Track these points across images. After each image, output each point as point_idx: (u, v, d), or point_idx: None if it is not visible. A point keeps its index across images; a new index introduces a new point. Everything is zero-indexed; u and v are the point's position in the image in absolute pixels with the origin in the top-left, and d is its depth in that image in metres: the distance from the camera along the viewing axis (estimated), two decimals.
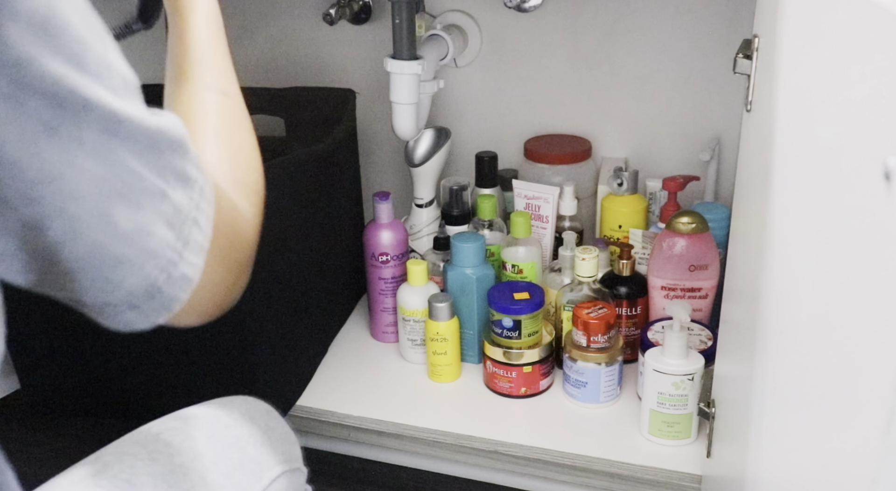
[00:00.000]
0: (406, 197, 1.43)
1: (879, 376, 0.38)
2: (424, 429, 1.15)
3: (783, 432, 0.60)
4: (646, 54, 1.35)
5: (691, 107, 1.36)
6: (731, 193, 1.08)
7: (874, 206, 0.40)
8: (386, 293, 1.29)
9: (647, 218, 1.32)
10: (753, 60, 0.78)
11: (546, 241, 1.31)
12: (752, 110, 0.80)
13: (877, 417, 0.38)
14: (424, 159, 1.33)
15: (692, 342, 1.10)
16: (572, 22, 1.36)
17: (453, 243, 1.21)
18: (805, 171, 0.57)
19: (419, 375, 1.26)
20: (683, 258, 1.15)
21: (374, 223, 1.27)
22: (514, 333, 1.15)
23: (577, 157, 1.37)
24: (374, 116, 1.49)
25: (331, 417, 1.19)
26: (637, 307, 1.21)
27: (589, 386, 1.14)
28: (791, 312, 0.59)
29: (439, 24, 1.40)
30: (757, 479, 0.67)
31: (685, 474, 1.05)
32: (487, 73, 1.44)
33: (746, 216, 0.83)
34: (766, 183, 0.69)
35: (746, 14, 1.18)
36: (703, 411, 1.00)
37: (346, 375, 1.27)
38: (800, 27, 0.61)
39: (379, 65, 1.26)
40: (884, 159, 0.38)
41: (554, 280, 1.22)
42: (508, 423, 1.15)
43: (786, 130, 0.64)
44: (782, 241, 0.63)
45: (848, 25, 0.47)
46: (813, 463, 0.52)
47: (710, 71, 1.32)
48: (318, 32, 1.49)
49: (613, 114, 1.41)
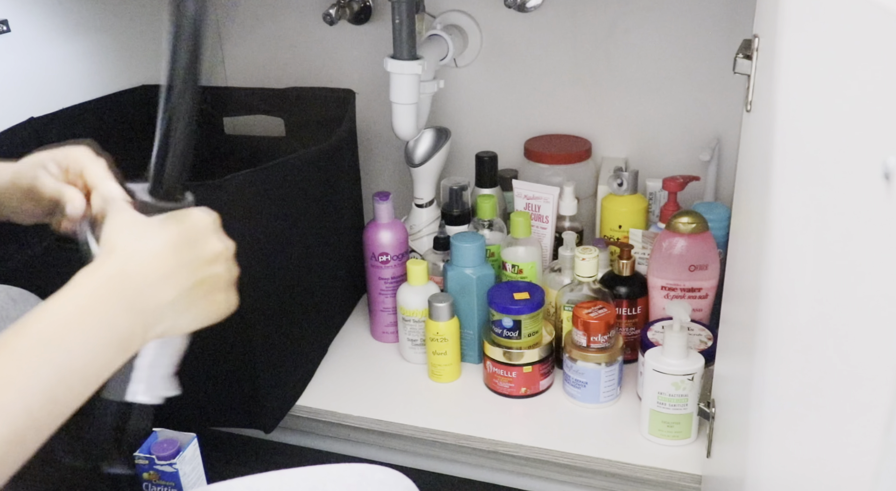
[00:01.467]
0: (406, 197, 1.43)
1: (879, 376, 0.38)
2: (424, 429, 1.15)
3: (783, 432, 0.60)
4: (646, 54, 1.35)
5: (691, 107, 1.36)
6: (731, 193, 1.08)
7: (874, 206, 0.40)
8: (386, 293, 1.29)
9: (647, 218, 1.32)
10: (753, 60, 0.78)
11: (546, 242, 1.31)
12: (752, 110, 0.80)
13: (877, 417, 0.38)
14: (424, 159, 1.33)
15: (692, 342, 1.10)
16: (572, 22, 1.36)
17: (453, 243, 1.21)
18: (805, 171, 0.57)
19: (419, 375, 1.26)
20: (683, 258, 1.15)
21: (374, 223, 1.27)
22: (514, 333, 1.15)
23: (577, 157, 1.37)
24: (374, 116, 1.49)
25: (331, 417, 1.19)
26: (637, 307, 1.21)
27: (589, 386, 1.14)
28: (791, 312, 0.59)
29: (439, 24, 1.40)
30: (757, 479, 0.67)
31: (685, 474, 1.05)
32: (487, 73, 1.44)
33: (746, 216, 0.83)
34: (766, 183, 0.69)
35: (746, 14, 1.18)
36: (703, 411, 1.00)
37: (346, 375, 1.27)
38: (800, 27, 0.61)
39: (379, 65, 1.26)
40: (884, 159, 0.37)
41: (554, 280, 1.22)
42: (508, 423, 1.15)
43: (786, 130, 0.64)
44: (782, 241, 0.63)
45: (848, 25, 0.47)
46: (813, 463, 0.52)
47: (710, 71, 1.32)
48: (318, 32, 1.49)
49: (613, 114, 1.41)
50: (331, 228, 1.27)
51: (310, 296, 1.23)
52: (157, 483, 1.05)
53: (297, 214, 1.16)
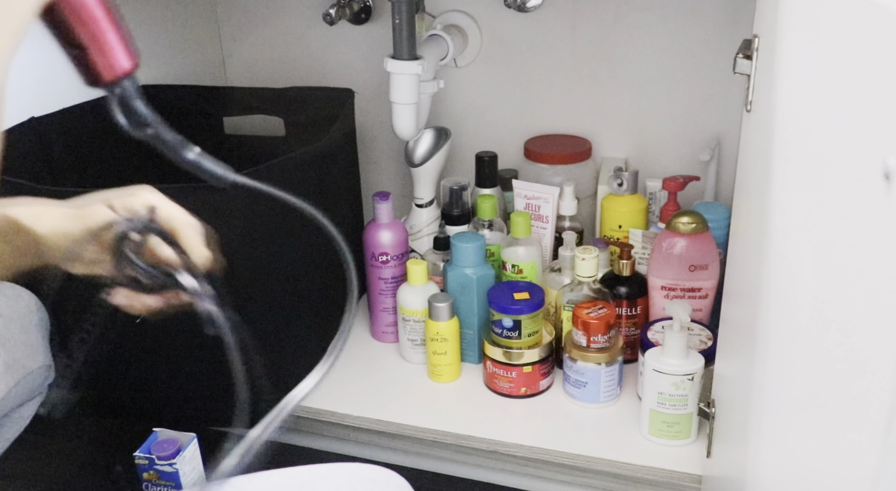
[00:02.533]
0: (406, 197, 1.43)
1: (879, 376, 0.38)
2: (424, 429, 1.15)
3: (783, 432, 0.60)
4: (646, 54, 1.35)
5: (691, 107, 1.36)
6: (731, 193, 1.08)
7: (874, 206, 0.40)
8: (386, 293, 1.29)
9: (647, 218, 1.32)
10: (753, 60, 0.78)
11: (546, 242, 1.31)
12: (752, 110, 0.80)
13: (877, 417, 0.38)
14: (424, 159, 1.33)
15: (692, 342, 1.10)
16: (572, 22, 1.36)
17: (453, 243, 1.21)
18: (805, 170, 0.57)
19: (419, 375, 1.26)
20: (683, 258, 1.15)
21: (374, 223, 1.27)
22: (514, 333, 1.15)
23: (577, 157, 1.37)
24: (374, 116, 1.49)
25: (331, 417, 1.19)
26: (637, 307, 1.21)
27: (589, 386, 1.14)
28: (791, 312, 0.59)
29: (439, 24, 1.40)
30: (757, 479, 0.67)
31: (685, 474, 1.05)
32: (487, 73, 1.44)
33: (746, 216, 0.83)
34: (766, 183, 0.69)
35: (746, 14, 1.18)
36: (703, 411, 1.00)
37: (346, 375, 1.26)
38: (800, 27, 0.61)
39: (379, 65, 1.26)
40: (884, 159, 0.37)
41: (554, 280, 1.22)
42: (508, 423, 1.15)
43: (786, 130, 0.64)
44: (782, 241, 0.63)
45: (848, 25, 0.47)
46: (813, 463, 0.52)
47: (710, 71, 1.32)
48: (318, 32, 1.49)
49: (613, 114, 1.41)
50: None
51: (309, 296, 1.23)
52: (157, 483, 1.05)
53: (296, 214, 1.15)
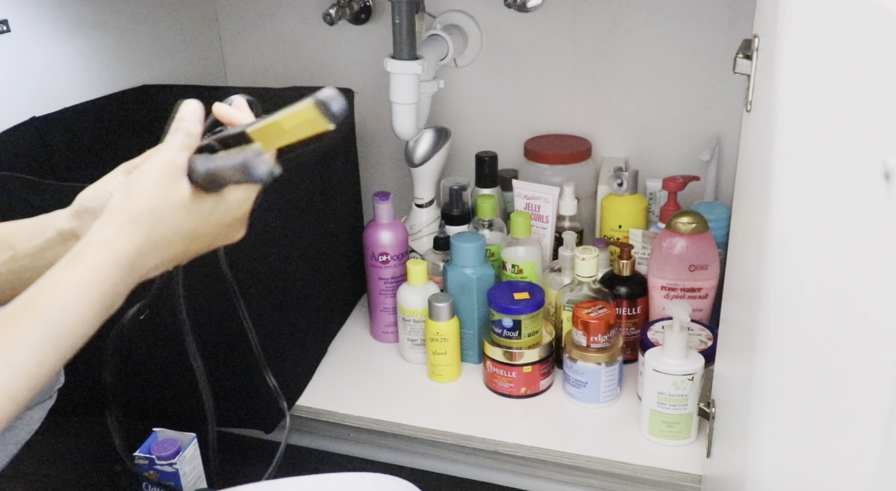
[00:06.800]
0: (406, 197, 1.43)
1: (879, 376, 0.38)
2: (424, 429, 1.15)
3: (783, 432, 0.60)
4: (646, 54, 1.35)
5: (691, 107, 1.36)
6: (731, 193, 1.08)
7: (874, 206, 0.40)
8: (386, 293, 1.29)
9: (647, 218, 1.32)
10: (753, 60, 0.78)
11: (546, 242, 1.31)
12: (752, 110, 0.80)
13: (877, 417, 0.38)
14: (424, 159, 1.33)
15: (692, 342, 1.10)
16: (572, 22, 1.36)
17: (453, 243, 1.21)
18: (805, 170, 0.57)
19: (419, 375, 1.26)
20: (683, 258, 1.15)
21: (374, 223, 1.27)
22: (514, 333, 1.15)
23: (577, 157, 1.37)
24: (374, 116, 1.49)
25: (331, 417, 1.19)
26: (637, 307, 1.21)
27: (589, 386, 1.14)
28: (791, 312, 0.59)
29: (439, 24, 1.40)
30: (757, 479, 0.67)
31: (685, 474, 1.05)
32: (487, 73, 1.45)
33: (746, 216, 0.83)
34: (766, 183, 0.69)
35: (746, 14, 1.18)
36: (703, 411, 1.00)
37: (346, 375, 1.27)
38: (800, 27, 0.61)
39: (379, 65, 1.26)
40: (884, 159, 0.37)
41: (554, 280, 1.22)
42: (508, 423, 1.15)
43: (786, 130, 0.64)
44: (782, 241, 0.63)
45: (848, 25, 0.47)
46: (813, 463, 0.52)
47: (710, 71, 1.32)
48: (318, 32, 1.49)
49: (613, 114, 1.41)
50: (330, 228, 1.27)
51: (309, 296, 1.23)
52: (157, 483, 1.05)
53: (297, 214, 1.15)
